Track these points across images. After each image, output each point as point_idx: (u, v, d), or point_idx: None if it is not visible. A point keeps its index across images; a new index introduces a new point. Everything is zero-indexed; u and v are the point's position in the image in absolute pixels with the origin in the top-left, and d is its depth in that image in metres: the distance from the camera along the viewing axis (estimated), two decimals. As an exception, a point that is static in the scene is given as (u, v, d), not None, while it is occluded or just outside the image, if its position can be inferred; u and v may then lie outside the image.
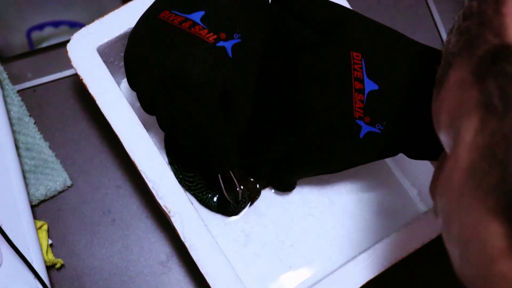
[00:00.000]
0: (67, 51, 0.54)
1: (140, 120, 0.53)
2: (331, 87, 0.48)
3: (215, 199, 0.57)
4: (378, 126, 0.48)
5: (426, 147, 0.48)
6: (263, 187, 0.58)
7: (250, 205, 0.57)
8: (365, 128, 0.48)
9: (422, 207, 0.57)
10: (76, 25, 0.82)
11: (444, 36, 0.67)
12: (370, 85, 0.47)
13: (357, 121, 0.48)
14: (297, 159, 0.52)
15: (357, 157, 0.50)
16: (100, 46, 0.55)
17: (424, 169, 0.54)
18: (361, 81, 0.47)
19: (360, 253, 0.51)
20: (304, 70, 0.49)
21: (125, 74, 0.60)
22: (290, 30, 0.50)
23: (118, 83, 0.60)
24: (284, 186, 0.57)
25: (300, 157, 0.52)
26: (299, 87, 0.49)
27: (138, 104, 0.59)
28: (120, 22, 0.55)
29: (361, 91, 0.47)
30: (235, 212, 0.57)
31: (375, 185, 0.58)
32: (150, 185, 0.51)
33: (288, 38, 0.50)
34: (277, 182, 0.57)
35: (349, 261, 0.51)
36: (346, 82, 0.48)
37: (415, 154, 0.49)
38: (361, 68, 0.47)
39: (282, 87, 0.50)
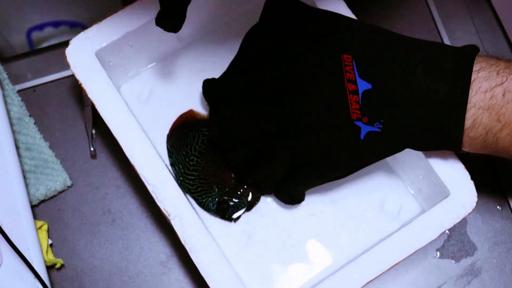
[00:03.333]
0: (66, 56, 0.54)
1: (140, 124, 0.53)
2: (325, 92, 0.48)
3: (214, 203, 0.57)
4: (377, 124, 0.48)
5: (429, 138, 0.48)
6: (263, 193, 0.58)
7: (249, 210, 0.57)
8: (365, 129, 0.48)
9: (422, 207, 0.57)
10: (77, 25, 0.82)
11: (444, 35, 0.67)
12: (363, 85, 0.47)
13: (355, 122, 0.48)
14: (300, 171, 0.52)
15: (361, 159, 0.50)
16: (99, 50, 0.55)
17: (424, 169, 0.54)
18: (354, 82, 0.47)
19: (361, 254, 0.51)
20: (296, 79, 0.49)
21: (125, 77, 0.60)
22: (279, 42, 0.51)
23: (118, 87, 0.60)
24: (292, 199, 0.57)
25: (303, 169, 0.52)
26: (292, 98, 0.49)
27: (137, 107, 0.60)
28: (119, 25, 0.55)
29: (355, 92, 0.47)
30: (234, 218, 0.57)
31: (376, 185, 0.58)
32: (150, 188, 0.51)
33: (278, 50, 0.51)
34: (284, 196, 0.57)
35: (350, 261, 0.51)
36: (339, 85, 0.48)
37: (420, 146, 0.49)
38: (353, 69, 0.48)
39: (275, 101, 0.50)
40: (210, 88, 0.56)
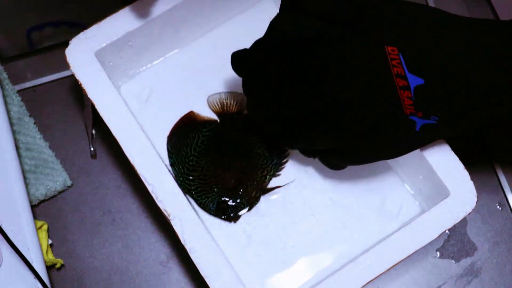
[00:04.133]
0: (66, 56, 0.54)
1: (140, 124, 0.53)
2: (373, 88, 0.46)
3: (213, 203, 0.57)
4: (433, 118, 0.46)
5: (485, 122, 0.47)
6: (263, 193, 0.58)
7: (249, 210, 0.57)
8: (420, 122, 0.46)
9: (422, 207, 0.57)
10: (77, 25, 0.81)
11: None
12: (414, 81, 0.45)
13: (410, 117, 0.46)
14: (347, 153, 0.51)
15: (413, 146, 0.50)
16: (99, 50, 0.55)
17: (424, 169, 0.54)
18: (404, 78, 0.45)
19: (361, 254, 0.51)
20: (336, 67, 0.46)
21: (125, 77, 0.60)
22: (308, 24, 0.47)
23: (118, 87, 0.60)
24: (335, 167, 0.55)
25: (349, 151, 0.50)
26: (333, 87, 0.46)
27: (137, 107, 0.60)
28: (119, 25, 0.55)
29: (407, 87, 0.45)
30: (233, 218, 0.57)
31: (376, 185, 0.58)
32: (149, 188, 0.51)
33: (308, 32, 0.47)
34: (326, 163, 0.55)
35: (350, 261, 0.51)
36: (387, 81, 0.45)
37: (474, 130, 0.48)
38: (400, 63, 0.45)
39: (312, 84, 0.47)
40: (239, 62, 0.53)
